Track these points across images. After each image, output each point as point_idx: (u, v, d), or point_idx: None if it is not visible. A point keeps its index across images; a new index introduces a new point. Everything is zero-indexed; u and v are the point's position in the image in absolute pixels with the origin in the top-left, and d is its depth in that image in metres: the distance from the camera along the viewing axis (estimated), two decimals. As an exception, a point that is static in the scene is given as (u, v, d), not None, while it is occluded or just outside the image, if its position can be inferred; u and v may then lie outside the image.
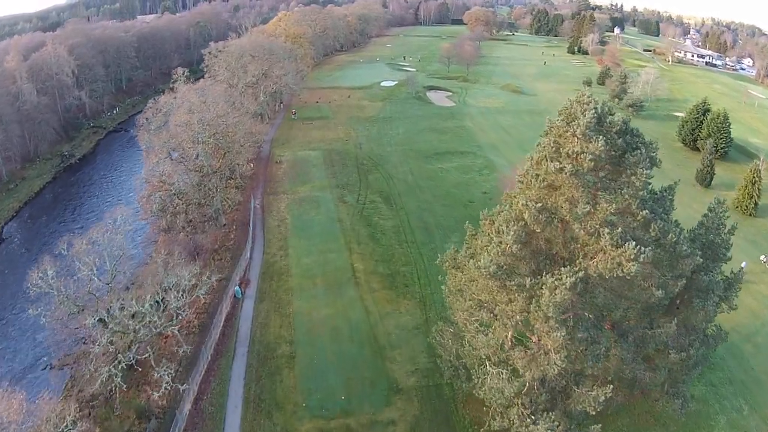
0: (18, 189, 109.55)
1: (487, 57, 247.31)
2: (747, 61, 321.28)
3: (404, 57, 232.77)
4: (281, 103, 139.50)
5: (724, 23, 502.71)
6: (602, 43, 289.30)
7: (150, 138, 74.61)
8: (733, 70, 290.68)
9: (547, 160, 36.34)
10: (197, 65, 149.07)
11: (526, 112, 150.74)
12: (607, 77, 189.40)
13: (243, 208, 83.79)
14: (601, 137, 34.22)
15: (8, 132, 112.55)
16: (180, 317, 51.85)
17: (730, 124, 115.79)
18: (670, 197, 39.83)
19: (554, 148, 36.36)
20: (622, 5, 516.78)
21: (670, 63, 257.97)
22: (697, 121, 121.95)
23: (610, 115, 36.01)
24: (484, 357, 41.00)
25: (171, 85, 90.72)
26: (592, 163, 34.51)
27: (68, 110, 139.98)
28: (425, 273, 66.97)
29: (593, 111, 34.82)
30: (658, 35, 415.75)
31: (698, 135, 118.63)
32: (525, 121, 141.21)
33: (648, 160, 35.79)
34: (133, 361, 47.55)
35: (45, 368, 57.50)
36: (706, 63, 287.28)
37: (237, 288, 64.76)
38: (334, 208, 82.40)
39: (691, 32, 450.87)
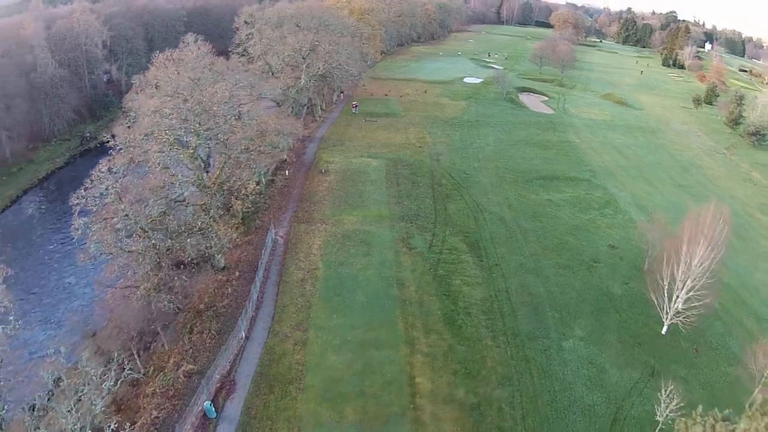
0: (21, 173, 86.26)
1: (580, 62, 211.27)
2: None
3: (489, 53, 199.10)
4: (341, 93, 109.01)
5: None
6: (698, 58, 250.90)
7: (120, 135, 44.72)
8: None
9: None
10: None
11: (637, 130, 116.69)
12: (713, 96, 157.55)
13: (257, 239, 53.75)
14: None
15: (12, 107, 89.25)
16: None
17: None
18: None
19: None
20: (704, 22, 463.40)
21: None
22: None
23: None
24: None
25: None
26: None
27: (95, 86, 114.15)
28: (533, 403, 36.17)
29: None
30: (743, 56, 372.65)
31: None
32: (639, 141, 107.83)
33: None
34: None
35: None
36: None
37: (208, 405, 35.05)
38: (393, 258, 50.98)
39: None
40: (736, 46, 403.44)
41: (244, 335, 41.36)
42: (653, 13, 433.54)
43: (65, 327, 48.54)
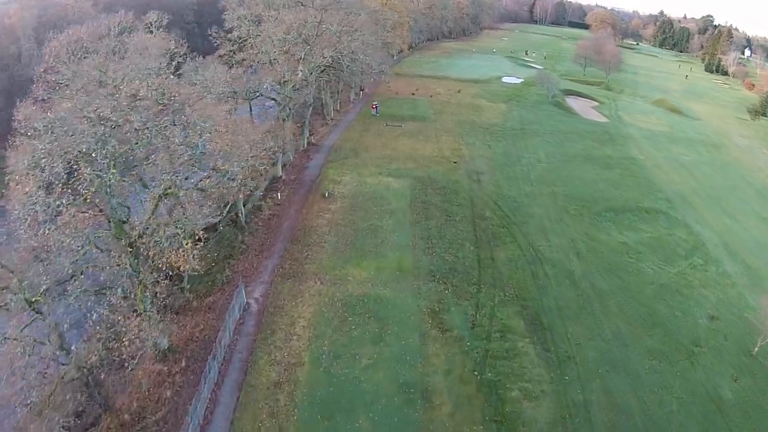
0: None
1: (623, 64, 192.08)
2: None
3: (526, 52, 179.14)
4: (361, 90, 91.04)
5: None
6: (741, 64, 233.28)
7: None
8: None
9: None
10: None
11: (700, 144, 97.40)
12: (767, 107, 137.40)
13: (223, 300, 36.35)
14: None
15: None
16: None
17: None
18: None
19: None
20: (736, 27, 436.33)
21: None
22: None
23: None
24: None
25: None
26: None
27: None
28: None
29: None
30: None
31: None
32: (705, 157, 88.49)
33: None
34: None
35: None
36: None
37: None
38: (417, 346, 32.95)
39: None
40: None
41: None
42: (684, 17, 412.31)
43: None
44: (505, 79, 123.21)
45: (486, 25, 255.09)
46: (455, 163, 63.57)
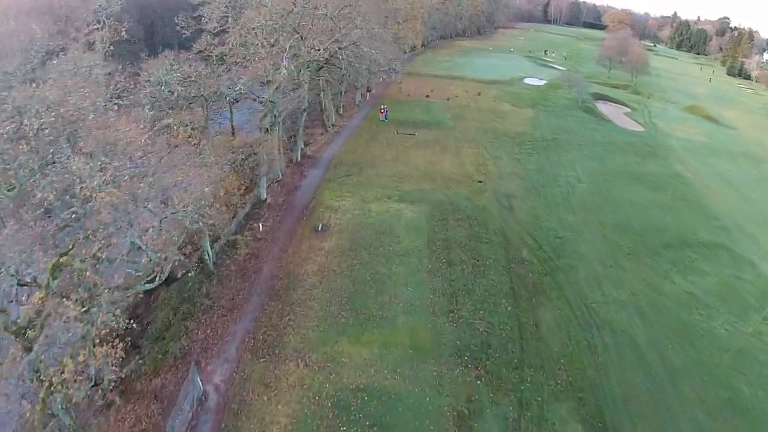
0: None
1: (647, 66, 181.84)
2: None
3: (546, 52, 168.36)
4: (368, 91, 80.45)
5: None
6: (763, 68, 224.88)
7: None
8: None
9: None
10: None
11: (741, 157, 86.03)
12: None
13: (174, 382, 26.13)
14: None
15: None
16: None
17: None
18: None
19: None
20: (757, 30, 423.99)
21: None
22: None
23: None
24: None
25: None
26: None
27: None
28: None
29: None
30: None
31: None
32: (749, 173, 77.49)
33: None
34: None
35: None
36: None
37: None
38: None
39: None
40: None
41: None
42: (699, 19, 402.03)
43: None
44: (527, 80, 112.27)
45: (501, 24, 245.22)
46: (480, 182, 52.54)
